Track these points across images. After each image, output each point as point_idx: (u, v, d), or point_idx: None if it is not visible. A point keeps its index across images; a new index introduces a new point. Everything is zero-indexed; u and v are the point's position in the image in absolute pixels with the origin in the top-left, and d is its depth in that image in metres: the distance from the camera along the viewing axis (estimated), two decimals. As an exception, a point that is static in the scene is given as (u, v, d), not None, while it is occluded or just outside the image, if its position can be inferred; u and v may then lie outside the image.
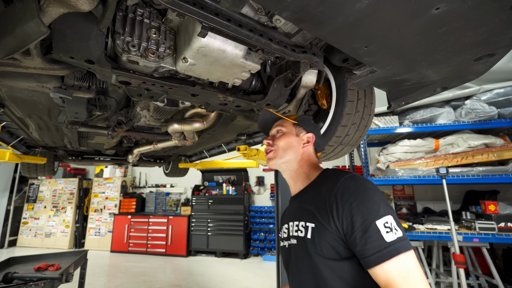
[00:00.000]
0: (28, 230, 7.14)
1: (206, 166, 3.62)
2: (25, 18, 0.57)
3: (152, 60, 0.85)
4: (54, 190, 7.37)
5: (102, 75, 0.86)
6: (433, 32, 0.62)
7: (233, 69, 0.91)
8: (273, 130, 0.97)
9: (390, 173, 3.45)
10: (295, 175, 0.90)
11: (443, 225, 3.15)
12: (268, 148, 0.92)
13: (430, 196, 4.54)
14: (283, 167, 0.90)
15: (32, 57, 0.71)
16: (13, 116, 1.63)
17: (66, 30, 0.69)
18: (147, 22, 0.85)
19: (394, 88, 1.07)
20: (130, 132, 1.82)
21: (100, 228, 6.92)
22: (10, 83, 1.06)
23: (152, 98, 1.07)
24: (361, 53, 0.72)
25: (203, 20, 0.66)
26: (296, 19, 0.56)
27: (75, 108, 1.30)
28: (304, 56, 0.86)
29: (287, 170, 0.90)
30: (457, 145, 3.30)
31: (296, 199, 0.89)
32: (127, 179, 7.58)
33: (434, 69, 0.83)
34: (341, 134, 1.26)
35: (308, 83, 1.11)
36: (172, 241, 6.14)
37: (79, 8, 0.57)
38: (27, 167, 2.75)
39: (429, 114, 3.39)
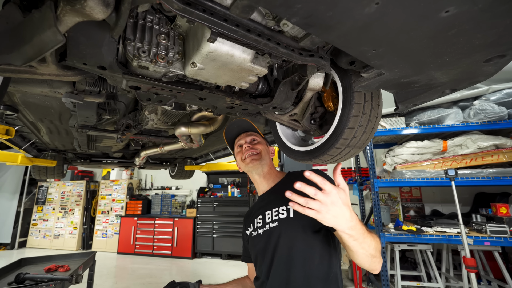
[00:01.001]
0: (38, 232, 7.26)
1: (212, 168, 3.64)
2: (43, 27, 0.59)
3: (162, 65, 0.87)
4: (63, 192, 7.49)
5: (113, 80, 0.88)
6: (442, 35, 0.62)
7: (240, 73, 0.92)
8: (248, 137, 1.16)
9: (397, 175, 3.41)
10: (268, 175, 1.11)
11: (453, 228, 3.09)
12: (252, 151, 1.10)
13: (439, 198, 4.47)
14: (260, 168, 1.09)
15: (47, 64, 0.73)
16: (26, 120, 1.67)
17: (80, 37, 0.71)
18: (156, 28, 0.86)
19: (402, 90, 1.06)
20: (138, 135, 1.85)
21: (107, 230, 7.00)
22: (24, 88, 1.09)
23: (160, 102, 1.08)
24: (369, 56, 0.72)
25: (212, 26, 0.67)
26: (305, 24, 0.57)
27: (86, 112, 1.32)
28: (311, 59, 0.87)
29: (263, 171, 1.10)
30: (466, 146, 3.25)
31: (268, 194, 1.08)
32: (133, 181, 7.66)
33: (443, 71, 0.83)
34: (348, 136, 1.25)
35: (315, 86, 1.11)
36: (177, 243, 6.17)
37: (94, 17, 0.58)
38: (37, 170, 2.81)
39: (437, 115, 3.34)
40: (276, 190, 1.06)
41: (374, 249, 0.78)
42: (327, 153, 1.32)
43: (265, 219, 1.01)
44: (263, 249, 0.98)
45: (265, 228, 0.99)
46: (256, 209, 1.10)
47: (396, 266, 3.24)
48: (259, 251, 1.00)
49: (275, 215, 0.97)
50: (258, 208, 1.09)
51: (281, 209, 0.97)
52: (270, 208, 1.01)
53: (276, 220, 0.96)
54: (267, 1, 0.51)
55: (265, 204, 1.05)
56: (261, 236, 1.00)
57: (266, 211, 1.02)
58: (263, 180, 1.11)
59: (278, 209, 0.98)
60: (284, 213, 0.96)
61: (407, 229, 3.16)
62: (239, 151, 1.16)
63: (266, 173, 1.11)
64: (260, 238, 1.00)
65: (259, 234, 1.02)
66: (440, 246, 3.74)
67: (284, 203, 0.97)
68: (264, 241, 0.98)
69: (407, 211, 4.45)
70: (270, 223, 0.98)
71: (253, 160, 1.08)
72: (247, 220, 1.14)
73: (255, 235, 1.03)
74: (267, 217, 1.00)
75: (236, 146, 1.20)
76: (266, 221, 1.00)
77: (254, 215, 1.08)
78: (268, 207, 1.02)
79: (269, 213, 1.00)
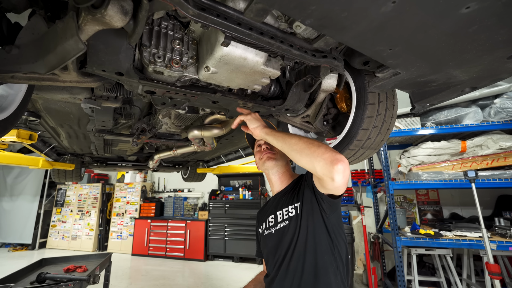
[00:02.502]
0: (56, 233, 7.54)
1: (223, 171, 3.67)
2: (65, 37, 0.61)
3: (176, 70, 0.89)
4: (80, 194, 7.75)
5: (130, 85, 0.91)
6: (462, 32, 0.60)
7: (253, 76, 0.93)
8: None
9: (413, 176, 3.30)
10: (283, 177, 1.17)
11: (474, 232, 2.96)
12: (268, 151, 1.17)
13: (458, 201, 4.29)
14: (276, 168, 1.16)
15: (69, 72, 0.77)
16: (47, 125, 1.75)
17: (100, 45, 0.73)
18: (171, 34, 0.89)
19: (419, 89, 1.03)
20: (152, 139, 1.89)
21: (121, 232, 7.17)
22: (47, 95, 1.14)
23: (175, 106, 1.11)
24: (385, 56, 0.70)
25: (226, 30, 0.68)
26: (319, 26, 0.56)
27: (103, 117, 1.37)
28: (324, 60, 0.86)
29: (278, 171, 1.16)
30: (486, 147, 3.11)
31: (282, 194, 1.13)
32: (147, 184, 7.82)
33: (463, 68, 0.80)
34: (362, 137, 1.23)
35: (328, 87, 1.10)
36: (190, 245, 6.23)
37: (113, 25, 0.61)
38: (57, 173, 2.93)
39: (454, 115, 3.22)
40: (288, 191, 1.11)
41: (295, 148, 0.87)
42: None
43: (277, 218, 1.07)
44: (274, 247, 1.03)
45: (277, 227, 1.05)
46: (269, 208, 1.16)
47: (413, 271, 3.12)
48: (270, 249, 1.05)
49: (286, 214, 1.04)
50: (271, 207, 1.15)
51: (290, 208, 1.03)
52: (281, 208, 1.07)
53: (287, 219, 1.02)
54: (281, 4, 0.51)
55: (277, 204, 1.11)
56: (273, 235, 1.05)
57: (278, 211, 1.08)
58: (278, 180, 1.17)
59: (288, 208, 1.04)
60: (293, 211, 1.02)
61: (425, 233, 3.05)
62: (258, 151, 1.23)
63: (281, 174, 1.17)
64: (271, 237, 1.06)
65: (270, 233, 1.07)
66: (460, 251, 3.58)
67: (292, 202, 1.03)
68: (275, 239, 1.04)
69: (424, 214, 4.30)
70: (282, 222, 1.04)
71: (269, 158, 1.14)
72: (260, 217, 1.21)
73: (267, 234, 1.09)
74: (278, 216, 1.06)
75: (256, 145, 1.27)
76: (278, 221, 1.06)
77: (267, 213, 1.14)
78: (279, 207, 1.08)
79: (281, 212, 1.06)
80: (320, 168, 0.79)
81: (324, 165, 0.77)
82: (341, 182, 0.78)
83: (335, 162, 0.76)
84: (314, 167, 0.80)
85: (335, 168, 0.75)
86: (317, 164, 0.79)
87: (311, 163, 0.81)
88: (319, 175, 0.81)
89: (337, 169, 0.75)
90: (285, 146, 0.91)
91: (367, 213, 4.92)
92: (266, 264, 1.10)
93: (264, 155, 1.16)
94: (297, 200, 1.02)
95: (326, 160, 0.77)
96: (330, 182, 0.79)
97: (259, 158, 1.19)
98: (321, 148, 0.81)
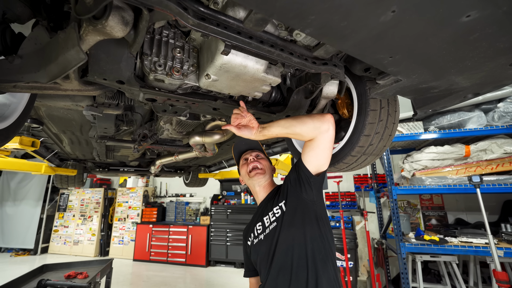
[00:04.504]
0: (59, 238, 7.54)
1: (225, 176, 3.66)
2: (67, 47, 0.62)
3: (177, 77, 0.89)
4: (82, 199, 7.77)
5: (131, 93, 0.91)
6: (463, 40, 0.60)
7: (254, 83, 0.93)
8: (253, 153, 1.26)
9: (416, 181, 3.27)
10: (267, 186, 1.20)
11: (480, 238, 2.90)
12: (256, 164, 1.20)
13: (462, 206, 4.23)
14: (262, 181, 1.19)
15: (70, 81, 0.77)
16: (50, 132, 1.76)
17: (101, 54, 0.74)
18: (172, 42, 0.89)
19: (420, 95, 1.03)
20: (154, 145, 1.89)
21: (123, 237, 7.15)
22: (49, 103, 1.15)
23: (176, 113, 1.11)
24: (386, 64, 0.70)
25: (226, 39, 0.68)
26: (319, 35, 0.56)
27: (105, 123, 1.38)
28: (325, 68, 0.86)
29: (263, 184, 1.19)
30: (490, 151, 3.08)
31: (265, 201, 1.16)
32: (149, 188, 7.82)
33: (465, 75, 0.79)
34: (364, 144, 1.22)
35: (329, 93, 1.10)
36: (191, 251, 6.18)
37: (114, 35, 0.61)
38: (59, 179, 2.94)
39: (457, 119, 3.20)
40: (271, 197, 1.14)
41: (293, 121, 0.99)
42: (343, 161, 1.29)
43: (264, 224, 1.07)
44: (267, 252, 1.02)
45: (266, 232, 1.05)
46: (255, 218, 1.17)
47: (418, 278, 3.07)
48: (263, 256, 1.03)
49: (272, 216, 1.05)
50: (257, 216, 1.16)
51: (275, 209, 1.05)
52: (267, 213, 1.08)
53: (274, 220, 1.04)
54: (280, 14, 0.51)
55: (262, 212, 1.13)
56: (263, 241, 1.05)
57: (264, 216, 1.09)
58: (262, 190, 1.20)
59: (273, 211, 1.06)
60: (279, 211, 1.04)
61: (429, 239, 3.00)
62: (244, 164, 1.24)
63: (266, 184, 1.20)
64: (262, 243, 1.05)
65: (260, 239, 1.07)
66: (466, 257, 3.51)
67: (277, 203, 1.06)
68: (266, 244, 1.03)
69: (428, 220, 4.24)
70: (270, 225, 1.05)
71: (258, 174, 1.18)
72: (247, 232, 1.20)
73: (257, 242, 1.08)
74: (265, 222, 1.08)
75: (242, 159, 1.28)
76: (266, 225, 1.06)
77: (254, 224, 1.15)
78: (265, 213, 1.09)
79: (267, 217, 1.07)
80: (317, 124, 0.96)
81: (319, 120, 0.96)
82: (331, 130, 0.97)
83: (325, 116, 0.98)
84: (313, 126, 0.96)
85: (326, 118, 0.97)
86: (314, 123, 0.96)
87: (311, 125, 0.97)
88: (316, 131, 0.97)
89: (327, 119, 0.97)
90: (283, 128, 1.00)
91: (370, 218, 4.86)
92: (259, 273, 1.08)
93: (253, 171, 1.19)
94: (281, 199, 1.06)
95: (319, 117, 0.98)
96: (325, 132, 0.96)
97: (245, 171, 1.21)
98: (312, 115, 1.00)
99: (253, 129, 1.01)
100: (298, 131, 0.98)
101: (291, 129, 0.99)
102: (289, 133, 1.00)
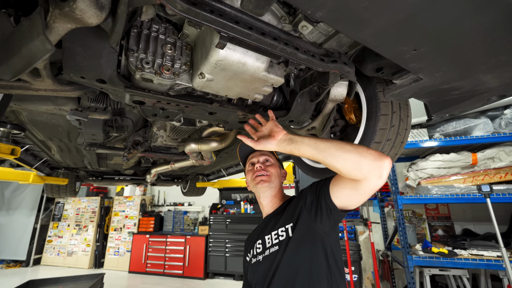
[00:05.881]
0: (52, 249, 7.30)
1: (224, 185, 3.53)
2: (31, 36, 0.52)
3: (167, 77, 0.79)
4: (78, 208, 7.57)
5: (115, 95, 0.81)
6: (504, 27, 0.50)
7: (254, 83, 0.83)
8: (261, 157, 1.10)
9: (422, 190, 3.14)
10: (274, 198, 1.06)
11: (491, 251, 2.76)
12: (263, 172, 1.05)
13: (470, 216, 4.08)
14: (268, 191, 1.05)
15: (42, 79, 0.67)
16: (35, 139, 1.65)
17: (77, 48, 0.64)
18: (162, 38, 0.80)
19: (438, 98, 0.93)
20: (147, 153, 1.78)
21: (119, 248, 6.92)
22: (29, 106, 1.05)
23: (167, 118, 1.01)
24: (407, 58, 0.60)
25: (221, 29, 0.58)
26: (333, 19, 0.46)
27: (92, 129, 1.27)
28: (334, 66, 0.76)
29: (271, 194, 1.06)
30: (498, 159, 2.97)
31: (270, 217, 1.03)
32: (146, 197, 7.65)
33: (495, 73, 0.69)
34: (374, 151, 1.12)
35: (337, 96, 1.00)
36: (189, 262, 5.97)
37: (87, 22, 0.51)
38: (50, 188, 2.81)
39: (463, 126, 3.10)
40: (278, 213, 1.01)
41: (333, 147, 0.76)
42: (352, 171, 1.18)
43: (265, 243, 0.95)
44: (263, 277, 0.90)
45: (265, 254, 0.93)
46: (257, 233, 1.06)
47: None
48: (258, 279, 0.92)
49: (275, 238, 0.92)
50: (258, 231, 1.05)
51: (280, 230, 0.92)
52: (270, 231, 0.96)
53: (277, 244, 0.91)
54: (287, -9, 0.42)
55: (265, 228, 1.01)
56: (261, 263, 0.93)
57: (266, 235, 0.97)
58: (269, 203, 1.07)
59: (277, 232, 0.93)
60: (284, 235, 0.90)
61: (438, 251, 2.85)
62: (250, 169, 1.10)
63: (272, 197, 1.06)
64: (260, 265, 0.93)
65: (258, 260, 0.95)
66: (476, 270, 3.35)
67: (283, 224, 0.92)
68: (264, 268, 0.91)
69: (434, 230, 4.08)
70: (271, 247, 0.92)
71: (262, 181, 1.04)
72: (247, 245, 1.10)
73: (255, 262, 0.97)
74: (267, 241, 0.95)
75: (248, 163, 1.14)
76: (267, 246, 0.94)
77: (254, 239, 1.04)
78: (268, 231, 0.97)
79: (269, 237, 0.95)
80: (367, 164, 0.71)
81: (372, 160, 0.70)
82: (385, 179, 0.73)
83: (383, 156, 0.71)
84: (360, 165, 0.71)
85: (384, 162, 0.70)
86: (363, 161, 0.71)
87: (357, 162, 0.72)
88: (363, 173, 0.72)
89: (386, 164, 0.71)
90: (317, 152, 0.78)
91: (374, 228, 4.70)
92: None
93: (258, 178, 1.04)
94: (289, 221, 0.91)
95: (374, 155, 0.71)
96: (375, 179, 0.72)
97: (251, 178, 1.07)
98: (361, 147, 0.75)
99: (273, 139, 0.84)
100: (337, 166, 0.74)
101: (328, 158, 0.75)
102: (322, 160, 0.77)
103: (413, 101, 1.14)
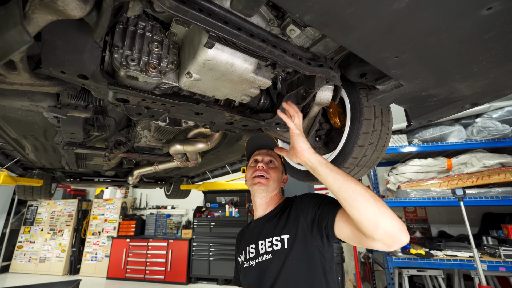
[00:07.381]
0: (23, 255, 6.84)
1: (209, 187, 3.49)
2: (7, 26, 0.49)
3: (153, 75, 0.77)
4: (53, 212, 7.16)
5: (98, 92, 0.78)
6: (477, 39, 0.54)
7: (242, 85, 0.83)
8: (266, 157, 1.09)
9: (401, 194, 3.27)
10: (270, 201, 1.05)
11: (464, 252, 2.91)
12: (263, 173, 1.03)
13: (445, 219, 4.29)
14: (263, 194, 1.03)
15: (18, 72, 0.63)
16: (8, 137, 1.55)
17: (57, 41, 0.61)
18: (149, 36, 0.78)
19: (417, 104, 0.97)
20: (130, 154, 1.73)
21: (97, 253, 6.62)
22: (2, 102, 0.99)
23: (152, 117, 0.98)
24: (389, 65, 0.63)
25: (210, 29, 0.58)
26: (320, 23, 0.48)
27: (71, 128, 1.21)
28: (320, 70, 0.78)
29: (266, 196, 1.04)
30: (471, 165, 3.15)
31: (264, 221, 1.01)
32: (128, 200, 7.39)
33: (468, 82, 0.74)
34: (357, 155, 1.15)
35: (323, 99, 1.02)
36: (171, 267, 5.81)
37: (69, 14, 0.49)
38: (22, 190, 2.64)
39: (439, 133, 3.27)
40: (273, 217, 1.01)
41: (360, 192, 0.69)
42: (336, 173, 1.20)
43: (258, 249, 0.95)
44: (255, 284, 0.91)
45: (258, 260, 0.94)
46: (251, 235, 1.05)
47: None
48: (251, 284, 0.94)
49: (269, 246, 0.92)
50: (252, 235, 1.04)
51: (274, 239, 0.92)
52: (264, 237, 0.96)
53: (270, 252, 0.91)
54: (276, -7, 0.42)
55: (259, 232, 1.00)
56: (253, 268, 0.94)
57: (260, 240, 0.97)
58: (263, 204, 1.06)
59: (272, 240, 0.93)
60: (278, 244, 0.90)
61: (416, 252, 2.97)
62: (252, 166, 1.08)
63: (267, 199, 1.05)
64: (252, 270, 0.94)
65: (251, 265, 0.96)
66: (451, 270, 3.51)
67: (278, 233, 0.92)
68: (256, 274, 0.92)
69: (412, 233, 4.24)
70: (264, 254, 0.93)
71: (260, 183, 1.01)
72: (239, 242, 1.10)
73: (247, 266, 0.97)
74: (260, 247, 0.95)
75: (252, 159, 1.12)
76: (260, 252, 0.94)
77: (247, 241, 1.03)
78: (262, 236, 0.97)
79: (263, 243, 0.95)
80: (386, 226, 0.65)
81: (392, 227, 0.65)
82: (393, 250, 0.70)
83: (403, 231, 0.66)
84: (378, 222, 0.65)
85: (402, 237, 0.65)
86: (383, 221, 0.65)
87: (375, 217, 0.66)
88: (380, 233, 0.66)
89: (402, 239, 0.65)
90: (344, 186, 0.70)
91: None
92: None
93: (256, 179, 1.01)
94: (286, 233, 0.90)
95: (397, 223, 0.66)
96: (381, 246, 0.67)
97: (250, 175, 1.05)
98: (388, 208, 0.68)
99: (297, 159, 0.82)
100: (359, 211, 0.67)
101: (347, 192, 0.69)
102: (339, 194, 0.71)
103: (394, 108, 1.19)
